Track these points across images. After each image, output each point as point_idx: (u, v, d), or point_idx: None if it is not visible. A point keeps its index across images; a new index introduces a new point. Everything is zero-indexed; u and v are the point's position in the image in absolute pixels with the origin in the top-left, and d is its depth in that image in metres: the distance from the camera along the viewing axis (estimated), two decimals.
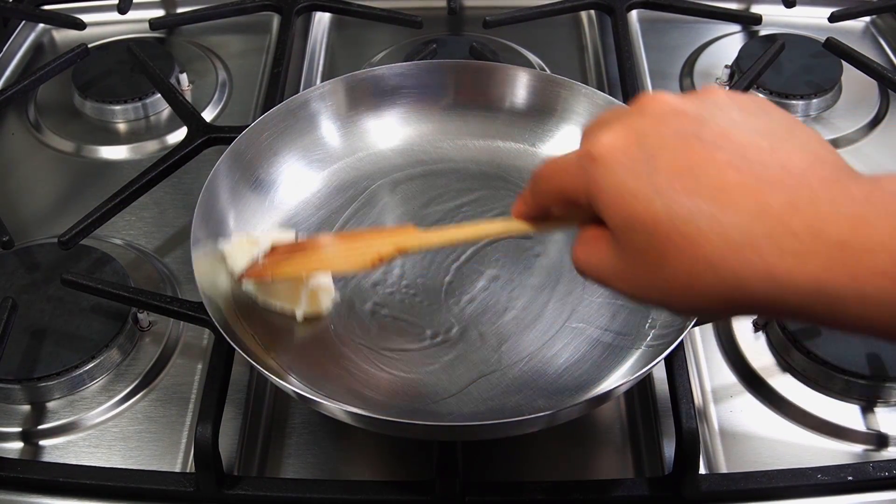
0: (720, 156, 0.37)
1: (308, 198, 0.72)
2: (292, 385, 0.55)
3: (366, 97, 0.76)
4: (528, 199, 0.47)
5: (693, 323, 0.57)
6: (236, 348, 0.56)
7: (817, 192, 0.35)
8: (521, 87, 0.75)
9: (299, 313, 0.63)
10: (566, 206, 0.43)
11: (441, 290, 0.66)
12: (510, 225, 0.49)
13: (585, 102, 0.73)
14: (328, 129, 0.75)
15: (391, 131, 0.76)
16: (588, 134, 0.41)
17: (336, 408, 0.54)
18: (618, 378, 0.60)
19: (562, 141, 0.75)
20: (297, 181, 0.72)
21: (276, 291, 0.63)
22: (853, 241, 0.34)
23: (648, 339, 0.62)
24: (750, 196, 0.36)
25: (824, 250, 0.34)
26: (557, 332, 0.63)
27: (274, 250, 0.61)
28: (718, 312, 0.38)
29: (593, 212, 0.41)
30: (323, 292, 0.64)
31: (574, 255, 0.44)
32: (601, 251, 0.41)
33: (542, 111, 0.75)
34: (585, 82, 0.89)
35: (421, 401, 0.59)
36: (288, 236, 0.66)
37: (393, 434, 0.61)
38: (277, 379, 0.54)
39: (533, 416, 0.53)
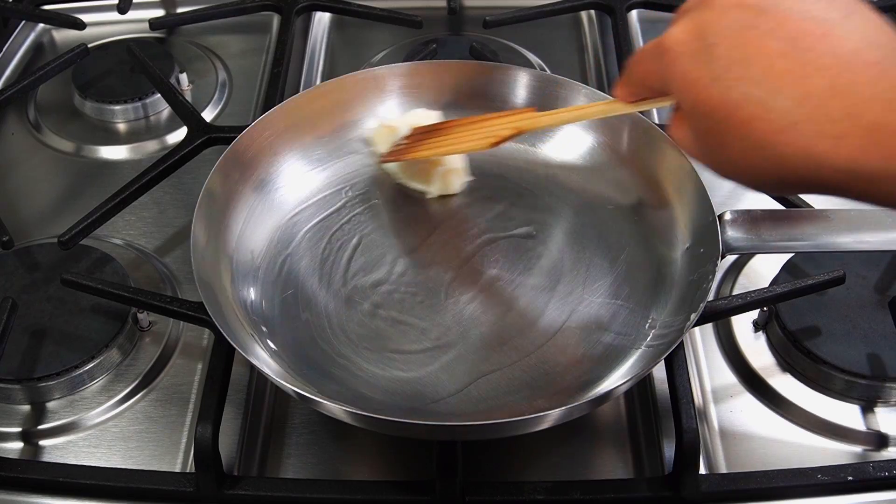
0: (773, 44, 0.40)
1: (308, 197, 0.72)
2: (292, 385, 0.55)
3: (366, 97, 0.76)
4: (623, 83, 0.52)
5: (692, 323, 0.57)
6: (237, 348, 0.56)
7: (858, 77, 0.38)
8: (521, 87, 0.76)
9: (433, 191, 0.72)
10: (650, 90, 0.49)
11: (441, 289, 0.66)
12: (614, 106, 0.55)
13: (585, 102, 0.73)
14: (328, 129, 0.75)
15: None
16: (670, 24, 0.45)
17: (336, 408, 0.54)
18: (618, 378, 0.60)
19: (562, 141, 0.75)
20: (297, 181, 0.72)
21: (413, 172, 0.72)
22: (887, 124, 0.36)
23: (648, 339, 0.62)
24: (796, 82, 0.39)
25: (859, 133, 0.37)
26: (557, 332, 0.63)
27: (412, 133, 0.70)
28: (774, 189, 0.43)
29: None
30: (454, 173, 0.72)
31: (669, 132, 0.48)
32: (684, 130, 0.45)
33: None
34: (585, 82, 0.88)
35: (421, 401, 0.60)
36: (429, 118, 0.72)
37: (393, 434, 0.61)
38: (277, 378, 0.54)
39: (533, 416, 0.53)
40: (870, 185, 0.38)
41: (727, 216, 0.62)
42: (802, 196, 0.72)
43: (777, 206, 0.72)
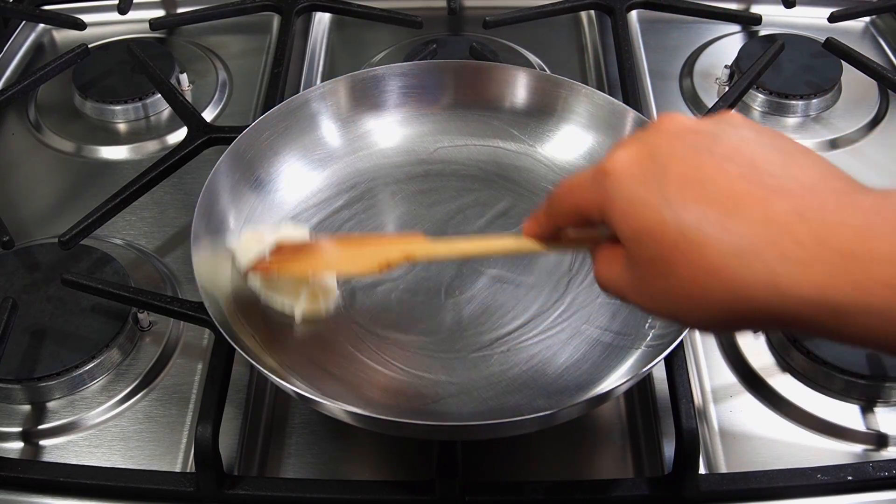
0: (730, 167, 0.38)
1: (308, 198, 0.72)
2: (292, 385, 0.55)
3: (366, 97, 0.76)
4: (541, 218, 0.48)
5: None
6: (236, 348, 0.56)
7: (825, 202, 0.35)
8: (521, 87, 0.76)
9: (298, 313, 0.63)
10: (580, 222, 0.45)
11: (441, 289, 0.66)
12: (521, 243, 0.50)
13: (585, 102, 0.73)
14: (328, 129, 0.75)
15: (391, 131, 0.76)
16: (607, 155, 0.42)
17: (336, 408, 0.54)
18: (618, 378, 0.60)
19: (562, 141, 0.75)
20: (297, 181, 0.72)
21: (280, 289, 0.63)
22: (859, 251, 0.34)
23: (648, 339, 0.62)
24: (757, 204, 0.36)
25: (829, 259, 0.34)
26: (557, 333, 0.63)
27: (280, 248, 0.61)
28: (726, 324, 0.38)
29: (606, 230, 0.42)
30: (324, 294, 0.64)
31: (595, 273, 0.45)
32: (616, 266, 0.42)
33: (542, 111, 0.75)
34: (585, 82, 0.89)
35: (421, 401, 0.59)
36: (299, 233, 0.65)
37: (393, 434, 0.61)
38: (277, 378, 0.54)
39: (533, 416, 0.53)
40: (839, 318, 0.34)
41: None
42: None
43: None
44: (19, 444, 0.64)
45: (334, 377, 0.61)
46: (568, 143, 0.74)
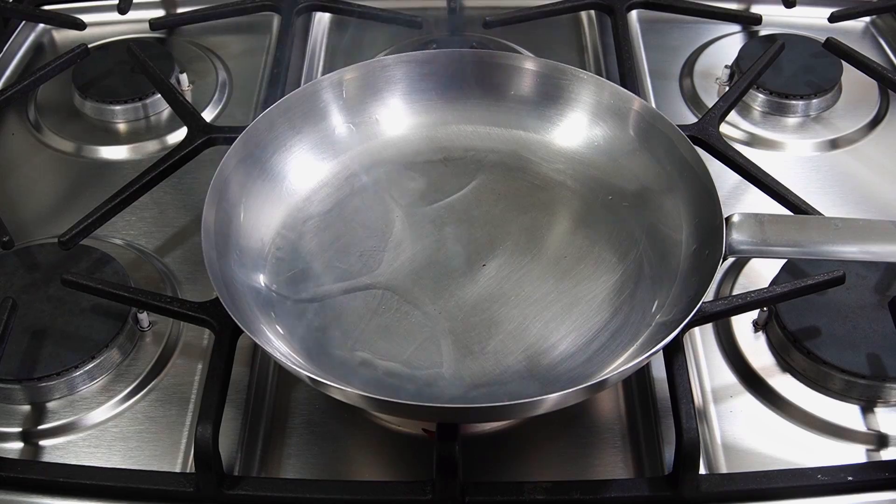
0: None
1: (317, 187, 0.73)
2: (301, 368, 0.55)
3: (375, 86, 0.76)
4: None
5: (692, 316, 0.57)
6: (244, 330, 0.55)
7: None
8: (531, 77, 0.75)
9: None
10: None
11: (448, 278, 0.67)
12: None
13: (600, 93, 0.73)
14: (338, 120, 0.75)
15: (399, 121, 0.77)
16: None
17: (350, 392, 0.53)
18: (615, 367, 0.60)
19: (572, 129, 0.75)
20: (307, 171, 0.73)
21: None
22: None
23: (647, 332, 0.62)
24: None
25: None
26: (558, 324, 0.64)
27: None
28: None
29: None
30: None
31: None
32: None
33: (551, 100, 0.75)
34: None
35: (427, 386, 0.60)
36: None
37: (400, 416, 0.61)
38: (291, 364, 0.54)
39: (531, 399, 0.53)
40: None
41: (735, 218, 0.62)
42: (811, 202, 0.72)
43: (785, 211, 0.72)
44: (19, 445, 0.64)
45: (341, 362, 0.61)
46: (580, 133, 0.75)
